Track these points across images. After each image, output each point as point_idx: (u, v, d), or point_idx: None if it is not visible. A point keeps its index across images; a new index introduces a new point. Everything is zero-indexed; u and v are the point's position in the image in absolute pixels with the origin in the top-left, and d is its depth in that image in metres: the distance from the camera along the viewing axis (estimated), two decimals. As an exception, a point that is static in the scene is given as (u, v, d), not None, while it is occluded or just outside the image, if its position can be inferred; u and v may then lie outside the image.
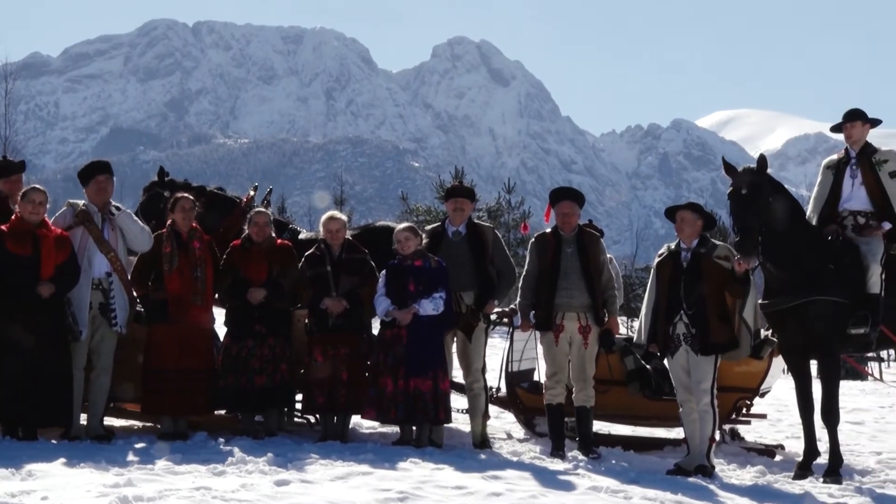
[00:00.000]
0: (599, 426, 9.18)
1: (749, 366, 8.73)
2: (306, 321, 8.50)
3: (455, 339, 8.50)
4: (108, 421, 8.49)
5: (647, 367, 9.05)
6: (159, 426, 8.39)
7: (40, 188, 7.97)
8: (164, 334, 8.18)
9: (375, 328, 8.51)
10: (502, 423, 10.15)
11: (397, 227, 8.52)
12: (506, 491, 6.22)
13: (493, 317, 9.21)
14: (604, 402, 8.59)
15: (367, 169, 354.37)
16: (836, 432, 7.90)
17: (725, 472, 7.93)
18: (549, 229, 8.54)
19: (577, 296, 8.23)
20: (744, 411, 9.26)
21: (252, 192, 9.64)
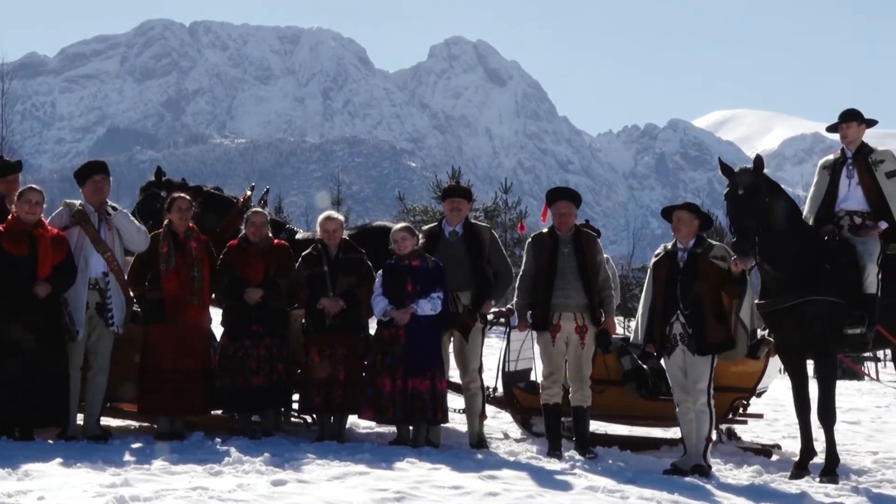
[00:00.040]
0: (596, 426, 9.17)
1: (746, 366, 8.73)
2: (303, 321, 8.49)
3: (452, 339, 8.50)
4: (105, 421, 8.47)
5: (644, 366, 9.08)
6: (156, 426, 8.39)
7: (37, 188, 7.96)
8: (160, 334, 8.17)
9: (372, 328, 8.51)
10: (499, 422, 10.14)
11: (394, 227, 8.51)
12: (502, 491, 6.22)
13: (490, 317, 9.22)
14: (600, 401, 8.59)
15: (363, 169, 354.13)
16: (833, 432, 7.90)
17: (722, 471, 7.92)
18: (545, 229, 8.54)
19: (573, 296, 8.23)
20: (740, 411, 9.25)
21: (249, 192, 9.64)
